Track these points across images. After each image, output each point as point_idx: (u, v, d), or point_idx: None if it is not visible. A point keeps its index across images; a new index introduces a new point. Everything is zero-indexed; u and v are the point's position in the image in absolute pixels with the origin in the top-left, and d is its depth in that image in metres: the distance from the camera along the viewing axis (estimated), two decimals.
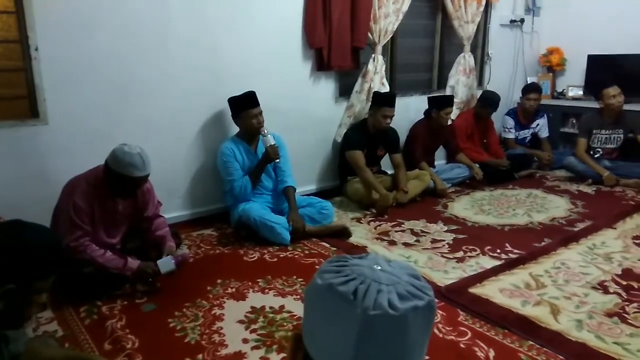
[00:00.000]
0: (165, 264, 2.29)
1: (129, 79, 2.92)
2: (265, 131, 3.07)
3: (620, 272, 2.51)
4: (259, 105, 3.09)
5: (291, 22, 3.55)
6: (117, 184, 2.25)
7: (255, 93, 3.09)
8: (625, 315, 2.09)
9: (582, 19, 4.97)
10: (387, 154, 3.93)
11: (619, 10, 4.72)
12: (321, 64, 3.72)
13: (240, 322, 2.08)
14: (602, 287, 2.35)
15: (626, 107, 4.23)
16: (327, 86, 3.89)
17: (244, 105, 3.07)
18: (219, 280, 2.45)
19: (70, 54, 2.69)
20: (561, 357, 1.80)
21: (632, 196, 3.88)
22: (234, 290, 2.36)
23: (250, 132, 3.10)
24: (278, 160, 3.08)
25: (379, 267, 0.60)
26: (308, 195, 3.59)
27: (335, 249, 2.90)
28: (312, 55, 3.71)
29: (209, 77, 3.23)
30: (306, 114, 3.77)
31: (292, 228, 2.94)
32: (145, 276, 2.31)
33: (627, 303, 2.19)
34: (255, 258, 2.76)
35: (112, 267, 2.25)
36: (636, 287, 2.35)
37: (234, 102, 3.11)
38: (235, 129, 3.25)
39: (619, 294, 2.28)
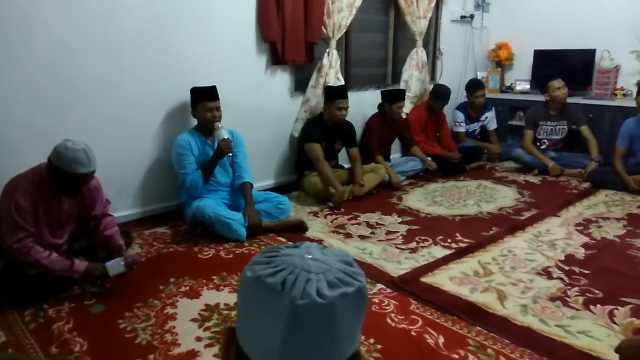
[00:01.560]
0: (114, 266, 2.22)
1: (76, 74, 2.81)
2: (219, 125, 3.03)
3: (563, 258, 2.63)
4: (217, 99, 3.05)
5: (245, 14, 3.51)
6: (61, 182, 2.17)
7: (215, 87, 3.07)
8: (567, 299, 2.20)
9: (528, 15, 5.16)
10: (344, 148, 3.96)
11: (563, 7, 4.93)
12: (276, 58, 3.70)
13: (194, 320, 2.05)
14: (546, 273, 2.46)
15: (569, 99, 4.43)
16: (282, 80, 3.88)
17: (201, 97, 3.04)
18: (172, 279, 2.41)
19: (8, 49, 2.56)
20: (507, 341, 1.87)
21: (576, 185, 4.07)
22: (187, 288, 2.33)
23: (205, 125, 3.06)
24: (231, 154, 3.05)
25: (310, 256, 0.60)
26: (265, 190, 3.58)
27: (292, 243, 2.89)
28: (266, 49, 3.68)
29: (160, 72, 3.14)
30: (262, 108, 3.74)
31: (249, 224, 2.92)
32: (94, 278, 2.23)
33: (569, 287, 2.30)
34: (210, 255, 2.73)
35: (58, 269, 2.16)
36: (577, 272, 2.47)
37: (194, 92, 3.09)
38: (188, 124, 3.19)
39: (561, 279, 2.39)
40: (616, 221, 3.19)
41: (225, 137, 3.00)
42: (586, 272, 2.46)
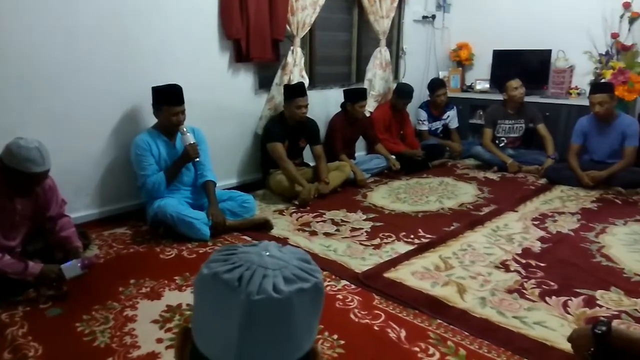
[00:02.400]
0: (71, 268, 2.15)
1: (29, 70, 2.71)
2: (185, 129, 2.95)
3: (520, 252, 2.71)
4: (183, 103, 2.96)
5: (207, 11, 3.46)
6: (13, 182, 2.09)
7: (181, 89, 2.95)
8: (524, 291, 2.27)
9: (487, 16, 5.30)
10: (308, 146, 3.96)
11: (520, 9, 5.08)
12: (240, 55, 3.67)
13: (155, 321, 2.01)
14: (504, 266, 2.53)
15: (527, 98, 4.57)
16: (246, 78, 3.85)
17: (167, 100, 2.91)
18: (132, 280, 2.35)
19: None
20: (466, 333, 1.92)
21: (533, 181, 4.22)
22: (148, 289, 2.28)
23: (168, 127, 2.98)
24: (198, 159, 2.99)
25: (268, 253, 0.60)
26: (230, 189, 3.54)
27: (256, 242, 2.88)
28: (230, 46, 3.64)
29: (119, 69, 3.07)
30: (225, 106, 3.70)
31: (212, 223, 2.88)
32: (49, 281, 2.16)
33: (525, 280, 2.38)
34: (173, 255, 2.68)
35: (11, 272, 2.08)
36: (534, 265, 2.55)
37: (157, 92, 2.95)
38: (150, 122, 3.12)
39: (518, 271, 2.47)
40: (571, 215, 3.32)
41: (192, 142, 2.94)
42: (542, 264, 2.55)
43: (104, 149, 3.12)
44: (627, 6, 4.44)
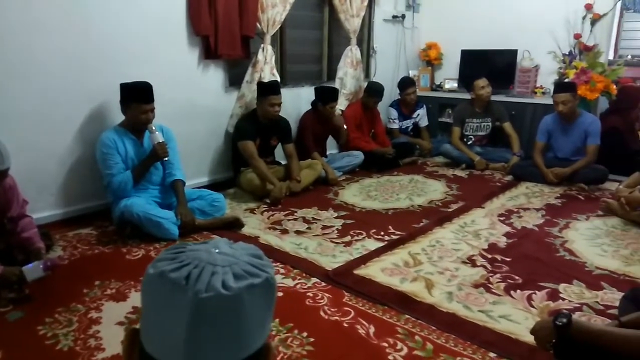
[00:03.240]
0: (32, 270, 2.08)
1: None
2: (154, 128, 2.89)
3: (486, 247, 2.77)
4: (152, 101, 2.88)
5: (175, 7, 3.40)
6: None
7: (151, 87, 2.88)
8: (490, 285, 2.32)
9: (456, 16, 5.39)
10: (280, 144, 3.95)
11: (487, 9, 5.19)
12: (209, 52, 3.63)
13: (120, 323, 1.97)
14: (471, 261, 2.58)
15: (493, 97, 4.68)
16: (216, 75, 3.81)
17: (137, 98, 2.83)
18: (97, 282, 2.30)
19: None
20: (434, 327, 1.95)
21: (499, 178, 4.31)
22: (114, 291, 2.23)
23: (136, 125, 2.91)
24: (166, 158, 2.93)
25: (217, 250, 0.60)
26: (199, 188, 3.50)
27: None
28: (199, 42, 3.60)
29: (82, 64, 2.99)
30: (195, 103, 3.65)
31: (181, 222, 2.84)
32: (10, 283, 2.08)
33: (491, 274, 2.43)
34: (140, 256, 2.63)
35: None
36: (499, 259, 2.61)
37: (126, 89, 2.86)
38: (117, 119, 3.03)
39: (484, 266, 2.52)
40: (535, 211, 3.41)
41: (161, 141, 2.88)
42: (507, 259, 2.61)
43: (69, 147, 3.04)
44: (589, 8, 4.59)
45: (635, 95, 4.57)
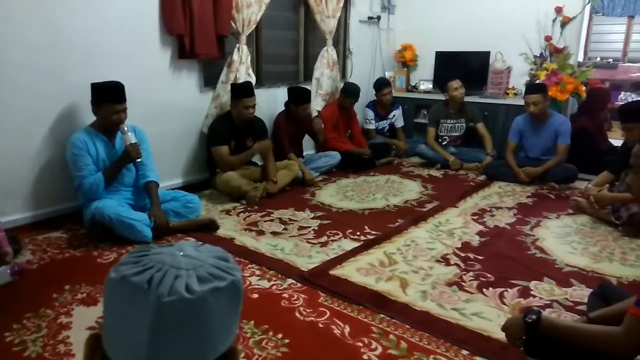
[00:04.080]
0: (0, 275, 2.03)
1: None
2: (126, 128, 2.83)
3: (460, 246, 2.81)
4: (124, 101, 2.83)
5: (147, 6, 3.35)
6: None
7: (123, 87, 2.82)
8: (463, 283, 2.36)
9: (430, 18, 5.46)
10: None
11: (461, 11, 5.26)
12: (183, 52, 3.59)
13: (91, 328, 1.93)
14: (445, 260, 2.61)
15: (467, 98, 4.75)
16: (190, 75, 3.77)
17: (108, 98, 2.77)
18: (67, 286, 2.24)
19: None
20: (408, 326, 1.96)
21: (473, 178, 4.38)
22: (84, 295, 2.18)
23: (108, 126, 2.85)
24: (139, 160, 2.88)
25: (182, 253, 0.59)
26: (174, 189, 3.45)
27: (201, 243, 2.82)
28: (172, 41, 3.55)
29: (52, 63, 2.92)
30: (169, 103, 3.61)
31: (154, 224, 2.80)
32: None
33: (464, 273, 2.47)
34: (112, 259, 2.58)
35: None
36: (472, 258, 2.65)
37: (97, 89, 2.80)
38: (88, 120, 2.96)
39: (458, 265, 2.56)
40: (508, 210, 3.47)
41: (134, 142, 2.83)
42: (480, 258, 2.65)
43: (39, 149, 2.96)
44: (559, 11, 4.70)
45: (603, 96, 4.72)
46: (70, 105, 3.04)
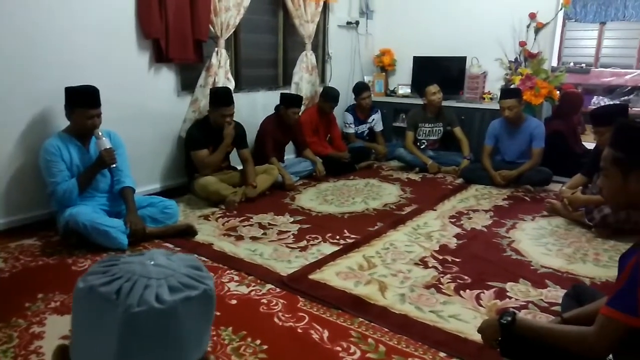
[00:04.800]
0: None
1: None
2: (100, 133, 2.78)
3: (437, 248, 2.84)
4: (99, 106, 2.77)
5: (123, 8, 3.31)
6: None
7: (97, 91, 2.76)
8: (440, 285, 2.38)
9: (408, 23, 5.52)
10: (234, 149, 3.91)
11: (438, 17, 5.33)
12: (160, 56, 3.55)
13: (65, 337, 1.88)
14: (423, 263, 2.64)
15: (444, 103, 4.81)
16: (167, 79, 3.73)
17: (82, 102, 2.72)
18: (40, 295, 2.19)
19: None
20: (386, 329, 1.97)
21: (451, 181, 4.44)
22: (58, 304, 2.13)
23: (82, 132, 2.80)
24: (114, 165, 2.83)
25: (153, 262, 0.58)
26: (152, 194, 3.41)
27: (179, 249, 2.80)
28: (149, 45, 3.51)
29: (25, 67, 2.86)
30: (146, 107, 3.56)
31: (130, 231, 2.75)
32: None
33: (442, 275, 2.49)
34: (86, 267, 2.53)
35: None
36: (450, 260, 2.68)
37: (71, 94, 2.74)
38: (62, 125, 2.90)
39: (436, 267, 2.58)
40: (484, 213, 3.53)
41: (108, 147, 2.77)
42: (457, 260, 2.68)
43: (10, 154, 2.89)
44: (532, 17, 4.80)
45: (576, 100, 4.83)
46: (43, 110, 2.98)
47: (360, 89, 5.06)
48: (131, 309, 0.52)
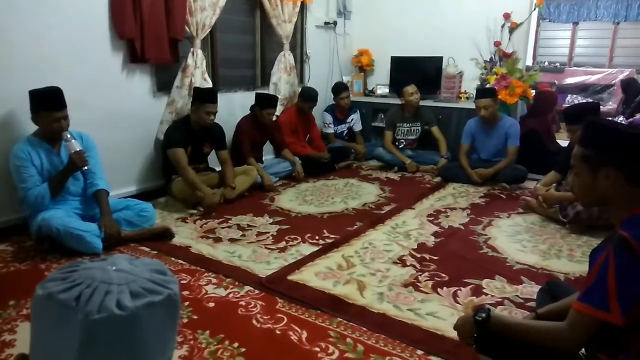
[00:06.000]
0: None
1: None
2: (69, 136, 2.70)
3: (416, 247, 2.86)
4: (64, 107, 2.69)
5: (96, 8, 3.25)
6: None
7: (61, 92, 2.68)
8: (418, 284, 2.39)
9: (385, 23, 5.55)
10: (213, 151, 3.87)
11: (415, 17, 5.37)
12: (134, 56, 3.50)
13: None
14: (401, 261, 2.65)
15: (422, 102, 4.85)
16: (142, 80, 3.68)
17: (45, 105, 2.64)
18: (11, 302, 2.14)
19: None
20: (365, 328, 1.98)
21: (429, 180, 4.48)
22: (30, 311, 2.08)
23: (50, 135, 2.72)
24: (86, 167, 2.77)
25: (114, 268, 0.57)
26: (128, 197, 3.35)
27: (156, 252, 2.77)
28: (123, 45, 3.46)
29: None
30: (120, 109, 3.50)
31: (105, 234, 2.70)
32: None
33: (420, 273, 2.51)
34: None
35: None
36: (428, 258, 2.70)
37: (34, 97, 2.65)
38: (29, 128, 2.81)
39: (414, 265, 2.60)
40: (461, 211, 3.57)
41: (78, 149, 2.71)
42: (435, 258, 2.70)
43: None
44: (507, 17, 4.87)
45: (551, 99, 4.93)
46: (12, 113, 2.90)
47: (339, 89, 5.07)
48: (91, 315, 0.51)
